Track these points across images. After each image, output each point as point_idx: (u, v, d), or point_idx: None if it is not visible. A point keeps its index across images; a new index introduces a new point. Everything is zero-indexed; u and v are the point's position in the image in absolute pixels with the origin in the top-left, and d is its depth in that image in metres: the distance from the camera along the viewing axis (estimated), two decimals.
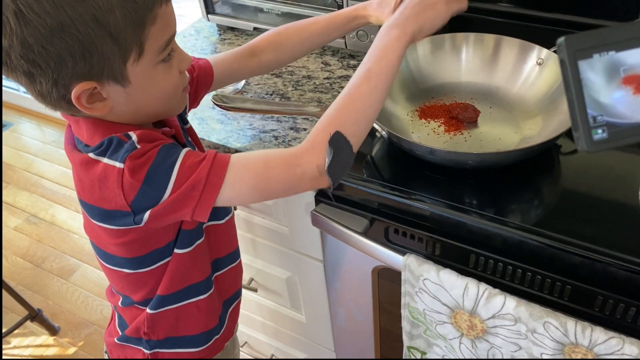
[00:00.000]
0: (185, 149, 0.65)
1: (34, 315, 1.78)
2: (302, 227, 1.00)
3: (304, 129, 0.97)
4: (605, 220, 0.74)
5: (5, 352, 1.80)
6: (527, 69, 0.96)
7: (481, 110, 0.93)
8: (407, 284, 0.82)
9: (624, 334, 0.66)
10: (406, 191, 0.82)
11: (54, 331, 1.84)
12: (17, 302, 1.74)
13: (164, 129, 0.71)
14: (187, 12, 1.43)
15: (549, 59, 0.93)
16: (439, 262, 0.78)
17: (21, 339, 1.84)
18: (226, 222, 0.82)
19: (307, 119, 0.99)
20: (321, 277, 1.07)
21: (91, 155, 0.64)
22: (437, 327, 0.84)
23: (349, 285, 1.03)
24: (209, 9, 1.24)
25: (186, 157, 0.64)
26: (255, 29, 1.22)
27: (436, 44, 1.01)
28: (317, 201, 0.91)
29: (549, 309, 0.70)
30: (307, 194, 0.93)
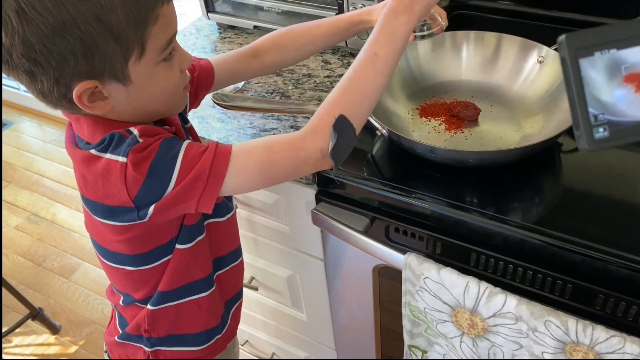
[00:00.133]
0: (186, 141, 0.65)
1: (35, 314, 1.78)
2: (303, 226, 1.00)
3: None
4: (606, 218, 0.74)
5: (6, 350, 1.80)
6: (527, 67, 0.96)
7: (482, 108, 0.93)
8: (408, 283, 0.82)
9: (625, 332, 0.66)
10: (407, 190, 0.81)
11: (55, 330, 1.84)
12: (18, 301, 1.75)
13: (165, 127, 0.71)
14: (187, 11, 1.42)
15: (549, 57, 0.92)
16: (439, 260, 0.78)
17: (22, 338, 1.84)
18: (227, 219, 0.82)
19: (307, 118, 0.98)
20: (322, 276, 1.07)
21: (93, 151, 0.64)
22: (438, 325, 0.84)
23: (350, 283, 1.03)
24: (209, 7, 1.23)
25: (188, 148, 0.64)
26: (255, 27, 1.21)
27: (437, 42, 1.01)
28: (317, 200, 0.91)
29: (550, 308, 0.70)
30: (308, 192, 0.93)
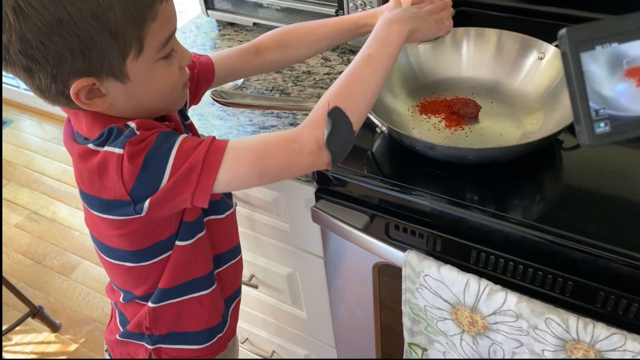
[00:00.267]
0: (183, 135, 0.65)
1: (35, 312, 1.79)
2: (303, 224, 1.00)
3: None
4: (607, 215, 0.74)
5: (6, 349, 1.80)
6: (528, 63, 0.95)
7: (482, 105, 0.93)
8: (408, 280, 0.82)
9: (626, 330, 0.66)
10: (407, 187, 0.81)
11: (55, 328, 1.84)
12: (19, 299, 1.75)
13: (164, 123, 0.71)
14: (187, 9, 1.42)
15: (550, 54, 0.92)
16: (439, 258, 0.78)
17: (22, 336, 1.84)
18: (227, 216, 0.82)
19: (306, 115, 0.98)
20: (322, 274, 1.07)
21: (90, 146, 0.64)
22: (438, 323, 0.84)
23: (350, 281, 1.03)
24: (209, 4, 1.23)
25: (184, 141, 0.63)
26: (255, 24, 1.21)
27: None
28: (317, 197, 0.91)
29: (550, 305, 0.70)
30: (308, 190, 0.92)
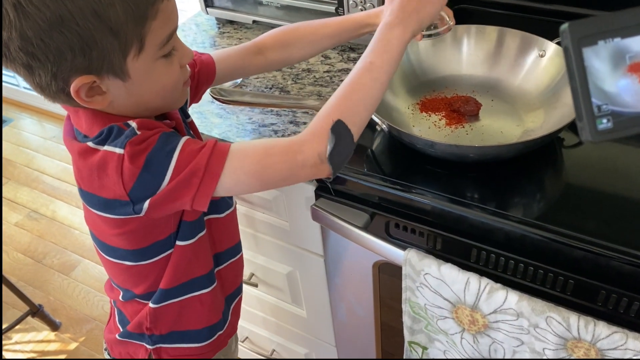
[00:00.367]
0: (185, 137, 0.65)
1: (35, 311, 1.78)
2: (303, 222, 0.99)
3: (304, 123, 0.96)
4: (608, 213, 0.74)
5: (6, 347, 1.80)
6: (529, 61, 0.95)
7: (483, 103, 0.93)
8: (408, 279, 0.82)
9: (627, 328, 0.66)
10: (407, 185, 0.81)
11: (55, 327, 1.84)
12: (18, 297, 1.74)
13: (165, 121, 0.71)
14: (187, 7, 1.42)
15: (551, 51, 0.92)
16: (440, 256, 0.77)
17: (22, 335, 1.84)
18: (227, 215, 0.82)
19: (306, 113, 0.98)
20: (322, 272, 1.07)
21: (90, 144, 0.64)
22: (439, 322, 0.83)
23: (350, 280, 1.03)
24: (208, 2, 1.22)
25: (186, 144, 0.63)
26: (254, 22, 1.20)
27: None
28: (317, 195, 0.91)
29: (551, 304, 0.69)
30: (308, 188, 0.92)
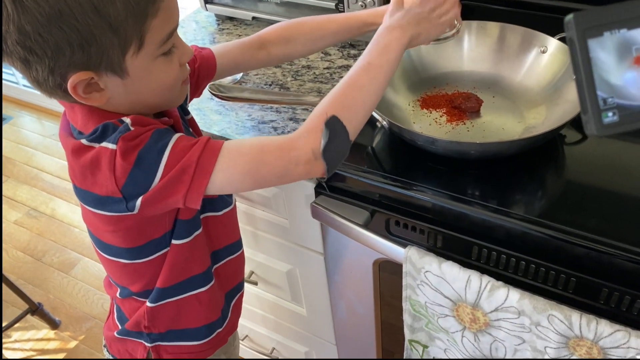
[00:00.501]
0: (178, 134, 0.64)
1: (35, 309, 1.78)
2: (303, 220, 0.99)
3: (304, 119, 0.96)
4: (610, 211, 0.73)
5: (5, 346, 1.80)
6: (530, 57, 0.94)
7: (484, 99, 0.92)
8: (409, 277, 0.81)
9: (629, 327, 0.65)
10: (408, 182, 0.80)
11: (54, 325, 1.84)
12: (18, 296, 1.74)
13: (163, 118, 0.71)
14: (187, 4, 1.41)
15: (552, 47, 0.91)
16: (440, 254, 0.77)
17: (22, 333, 1.84)
18: (225, 214, 0.81)
19: (306, 109, 0.97)
20: (322, 270, 1.07)
21: (84, 141, 0.63)
22: (439, 320, 0.83)
23: (350, 278, 1.02)
24: None
25: (178, 141, 0.63)
26: (254, 18, 1.20)
27: None
28: (317, 193, 0.90)
29: (553, 302, 0.69)
30: (307, 186, 0.91)
